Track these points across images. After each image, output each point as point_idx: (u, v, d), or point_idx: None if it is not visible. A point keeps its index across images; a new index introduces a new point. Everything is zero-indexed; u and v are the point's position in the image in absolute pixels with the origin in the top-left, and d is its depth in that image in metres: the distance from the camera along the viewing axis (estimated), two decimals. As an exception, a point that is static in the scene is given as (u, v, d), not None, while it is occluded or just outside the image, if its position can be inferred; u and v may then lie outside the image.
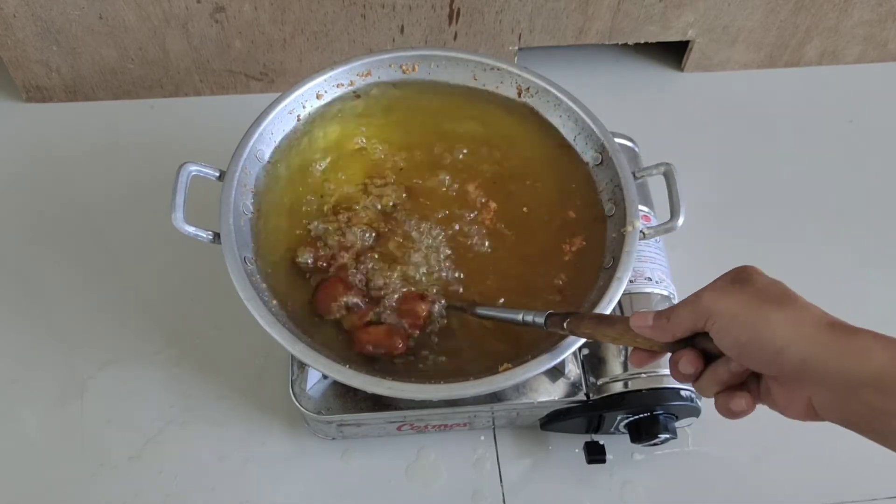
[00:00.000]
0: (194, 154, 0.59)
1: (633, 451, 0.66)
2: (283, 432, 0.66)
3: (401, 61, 0.63)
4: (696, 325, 0.40)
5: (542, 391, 0.59)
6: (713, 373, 0.41)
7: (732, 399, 0.40)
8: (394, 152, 0.63)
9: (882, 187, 0.85)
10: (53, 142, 0.84)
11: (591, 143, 0.61)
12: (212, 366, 0.69)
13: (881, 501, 0.65)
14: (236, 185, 0.55)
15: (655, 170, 0.58)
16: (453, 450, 0.66)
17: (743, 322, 0.37)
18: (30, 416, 0.66)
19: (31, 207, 0.79)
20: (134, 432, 0.66)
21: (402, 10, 0.81)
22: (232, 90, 0.88)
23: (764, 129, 0.90)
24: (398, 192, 0.61)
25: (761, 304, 0.37)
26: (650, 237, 0.57)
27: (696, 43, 0.90)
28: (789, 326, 0.36)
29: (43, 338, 0.70)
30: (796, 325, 0.36)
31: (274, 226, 0.58)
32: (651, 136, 0.75)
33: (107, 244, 0.76)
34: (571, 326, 0.47)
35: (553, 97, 0.62)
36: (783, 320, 0.36)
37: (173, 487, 0.63)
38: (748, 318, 0.37)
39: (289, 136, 0.61)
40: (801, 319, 0.36)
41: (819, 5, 0.87)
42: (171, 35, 0.80)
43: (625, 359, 0.59)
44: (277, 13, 0.79)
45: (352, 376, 0.49)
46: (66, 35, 0.79)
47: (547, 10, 0.83)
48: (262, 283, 0.53)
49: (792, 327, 0.36)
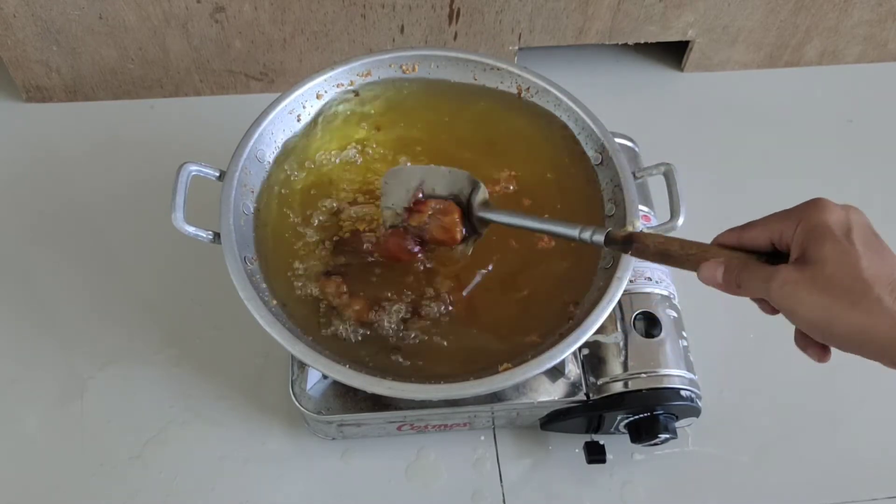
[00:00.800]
0: (194, 154, 0.59)
1: (633, 451, 0.66)
2: (283, 432, 0.66)
3: (401, 61, 0.63)
4: (764, 297, 0.39)
5: (542, 391, 0.59)
6: None
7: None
8: (394, 152, 0.63)
9: (882, 187, 0.85)
10: (53, 142, 0.84)
11: (591, 143, 0.61)
12: (212, 366, 0.69)
13: (881, 501, 0.65)
14: (236, 185, 0.55)
15: (655, 170, 0.58)
16: (453, 450, 0.66)
17: (816, 325, 0.37)
18: (30, 416, 0.66)
19: (31, 207, 0.79)
20: (134, 432, 0.66)
21: (402, 10, 0.81)
22: (232, 90, 0.88)
23: (764, 129, 0.90)
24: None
25: (836, 304, 0.36)
26: (650, 237, 0.57)
27: (696, 43, 0.90)
28: (862, 329, 0.36)
29: (43, 338, 0.70)
30: (870, 326, 0.35)
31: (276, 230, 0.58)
32: (651, 136, 0.75)
33: (107, 244, 0.76)
34: (637, 253, 0.46)
35: (553, 97, 0.62)
36: (856, 323, 0.36)
37: (173, 487, 0.63)
38: (821, 322, 0.37)
39: (289, 137, 0.61)
40: (875, 320, 0.35)
41: (819, 5, 0.87)
42: (171, 35, 0.80)
43: (625, 359, 0.59)
44: (277, 13, 0.79)
45: (352, 376, 0.49)
46: (66, 35, 0.79)
47: (547, 10, 0.83)
48: (262, 283, 0.53)
49: (865, 329, 0.36)
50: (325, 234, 0.58)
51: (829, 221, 0.37)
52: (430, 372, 0.53)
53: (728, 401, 0.68)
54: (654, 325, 0.61)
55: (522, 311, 0.56)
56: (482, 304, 0.56)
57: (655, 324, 0.60)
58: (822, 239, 0.37)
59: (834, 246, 0.37)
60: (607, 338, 0.60)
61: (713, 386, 0.66)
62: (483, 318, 0.56)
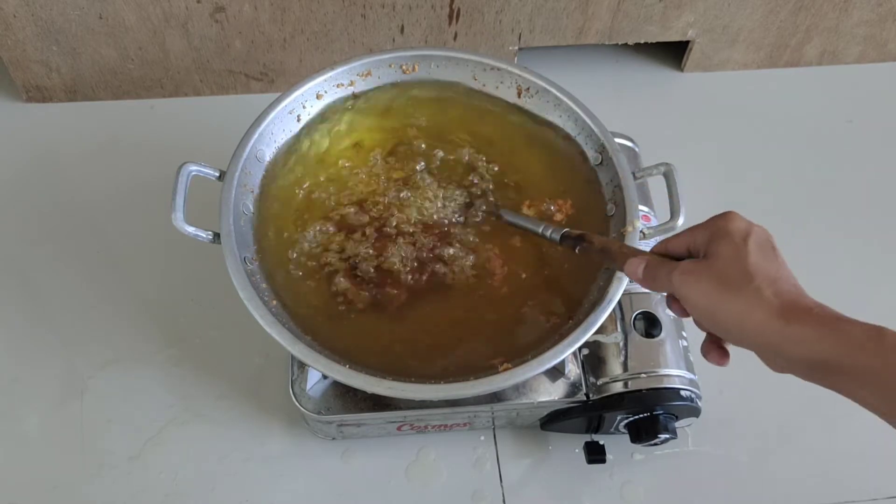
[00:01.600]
0: (194, 154, 0.59)
1: (633, 451, 0.66)
2: (283, 432, 0.66)
3: (401, 61, 0.63)
4: (667, 289, 0.44)
5: (542, 391, 0.59)
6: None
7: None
8: (394, 151, 0.63)
9: (882, 187, 0.85)
10: (53, 142, 0.84)
11: (591, 143, 0.61)
12: (212, 366, 0.69)
13: (881, 501, 0.65)
14: (236, 185, 0.55)
15: (655, 170, 0.58)
16: (453, 450, 0.66)
17: (703, 310, 0.42)
18: (30, 415, 0.66)
19: (31, 207, 0.79)
20: (134, 432, 0.66)
21: (402, 10, 0.81)
22: (232, 90, 0.88)
23: (764, 129, 0.90)
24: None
25: (721, 292, 0.41)
26: (650, 237, 0.57)
27: (696, 43, 0.90)
28: (741, 316, 0.40)
29: (43, 338, 0.70)
30: (747, 314, 0.40)
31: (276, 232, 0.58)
32: (651, 136, 0.75)
33: (107, 244, 0.76)
34: (582, 251, 0.52)
35: (553, 97, 0.62)
36: (736, 310, 0.40)
37: (173, 487, 0.63)
38: (707, 308, 0.41)
39: (289, 137, 0.61)
40: (752, 308, 0.39)
41: (819, 5, 0.87)
42: (171, 35, 0.80)
43: (625, 359, 0.60)
44: (277, 13, 0.79)
45: (352, 376, 0.49)
46: (66, 35, 0.79)
47: (547, 10, 0.83)
48: (262, 283, 0.53)
49: (743, 316, 0.40)
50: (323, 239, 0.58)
51: (730, 228, 0.42)
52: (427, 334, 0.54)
53: (728, 401, 0.68)
54: (654, 325, 0.61)
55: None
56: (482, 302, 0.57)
57: (655, 324, 0.61)
58: (720, 239, 0.42)
59: (729, 245, 0.42)
60: (607, 338, 0.60)
61: (713, 386, 0.66)
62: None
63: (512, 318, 0.56)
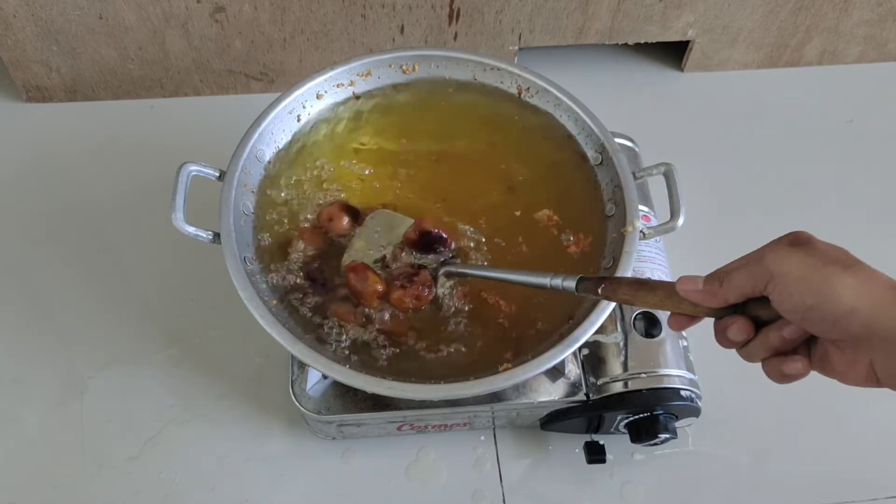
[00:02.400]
0: (194, 154, 0.59)
1: (633, 451, 0.66)
2: (283, 432, 0.66)
3: (401, 61, 0.63)
4: (755, 289, 0.39)
5: (542, 391, 0.59)
6: (764, 338, 0.40)
7: (786, 364, 0.40)
8: (395, 151, 0.63)
9: (882, 187, 0.85)
10: (53, 142, 0.84)
11: (591, 143, 0.61)
12: (212, 366, 0.69)
13: (881, 501, 0.65)
14: (236, 185, 0.55)
15: (655, 170, 0.58)
16: (453, 450, 0.66)
17: (809, 284, 0.37)
18: (30, 415, 0.66)
19: (32, 207, 0.79)
20: (134, 432, 0.66)
21: (402, 10, 0.81)
22: (232, 90, 0.88)
23: (764, 129, 0.90)
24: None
25: (826, 265, 0.37)
26: (650, 237, 0.57)
27: (696, 43, 0.90)
28: (857, 289, 0.36)
29: (43, 338, 0.70)
30: (864, 288, 0.36)
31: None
32: (651, 136, 0.75)
33: (107, 244, 0.76)
34: (607, 292, 0.45)
35: (553, 97, 0.62)
36: (851, 283, 0.36)
37: (173, 487, 0.63)
38: (815, 281, 0.36)
39: (289, 137, 0.61)
40: (869, 282, 0.36)
41: (819, 5, 0.87)
42: (171, 35, 0.80)
43: (625, 359, 0.59)
44: (277, 13, 0.79)
45: (352, 376, 0.49)
46: (66, 35, 0.79)
47: (547, 10, 0.83)
48: (262, 283, 0.53)
49: (860, 290, 0.36)
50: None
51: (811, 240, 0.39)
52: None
53: (728, 401, 0.68)
54: (653, 325, 0.61)
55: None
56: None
57: (655, 324, 0.61)
58: (807, 239, 0.39)
59: (818, 240, 0.39)
60: (607, 338, 0.60)
61: (713, 386, 0.66)
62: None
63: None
